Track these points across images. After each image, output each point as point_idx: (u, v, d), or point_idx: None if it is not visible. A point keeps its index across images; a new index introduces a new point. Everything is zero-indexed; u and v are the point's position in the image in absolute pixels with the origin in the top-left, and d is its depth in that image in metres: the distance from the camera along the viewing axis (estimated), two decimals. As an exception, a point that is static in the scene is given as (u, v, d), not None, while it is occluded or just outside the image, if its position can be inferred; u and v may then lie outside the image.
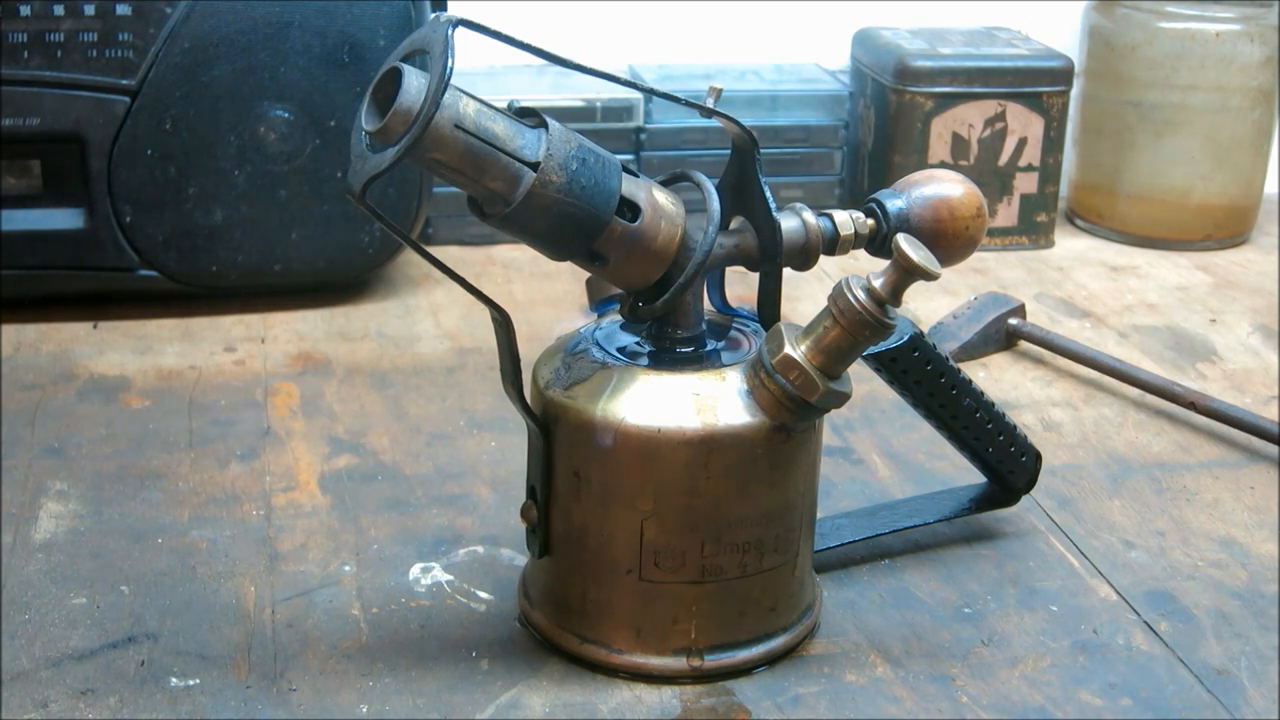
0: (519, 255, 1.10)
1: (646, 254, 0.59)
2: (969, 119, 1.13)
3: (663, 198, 0.60)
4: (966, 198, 0.64)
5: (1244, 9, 1.14)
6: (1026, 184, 1.16)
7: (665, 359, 0.61)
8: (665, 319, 0.62)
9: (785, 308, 0.63)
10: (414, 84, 0.54)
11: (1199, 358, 0.97)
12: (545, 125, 0.57)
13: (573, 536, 0.62)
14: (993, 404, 0.70)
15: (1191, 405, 0.86)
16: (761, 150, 0.61)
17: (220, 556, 0.70)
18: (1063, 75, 1.14)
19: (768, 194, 0.61)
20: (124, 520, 0.73)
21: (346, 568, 0.69)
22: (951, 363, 0.68)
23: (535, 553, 0.63)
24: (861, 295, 0.57)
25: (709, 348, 0.63)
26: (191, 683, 0.61)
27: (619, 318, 0.64)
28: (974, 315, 0.96)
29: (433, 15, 0.60)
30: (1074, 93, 1.17)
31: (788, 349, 0.58)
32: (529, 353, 0.62)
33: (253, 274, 0.98)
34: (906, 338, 0.65)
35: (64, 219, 0.95)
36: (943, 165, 1.14)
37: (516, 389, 0.61)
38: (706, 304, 0.64)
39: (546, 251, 0.59)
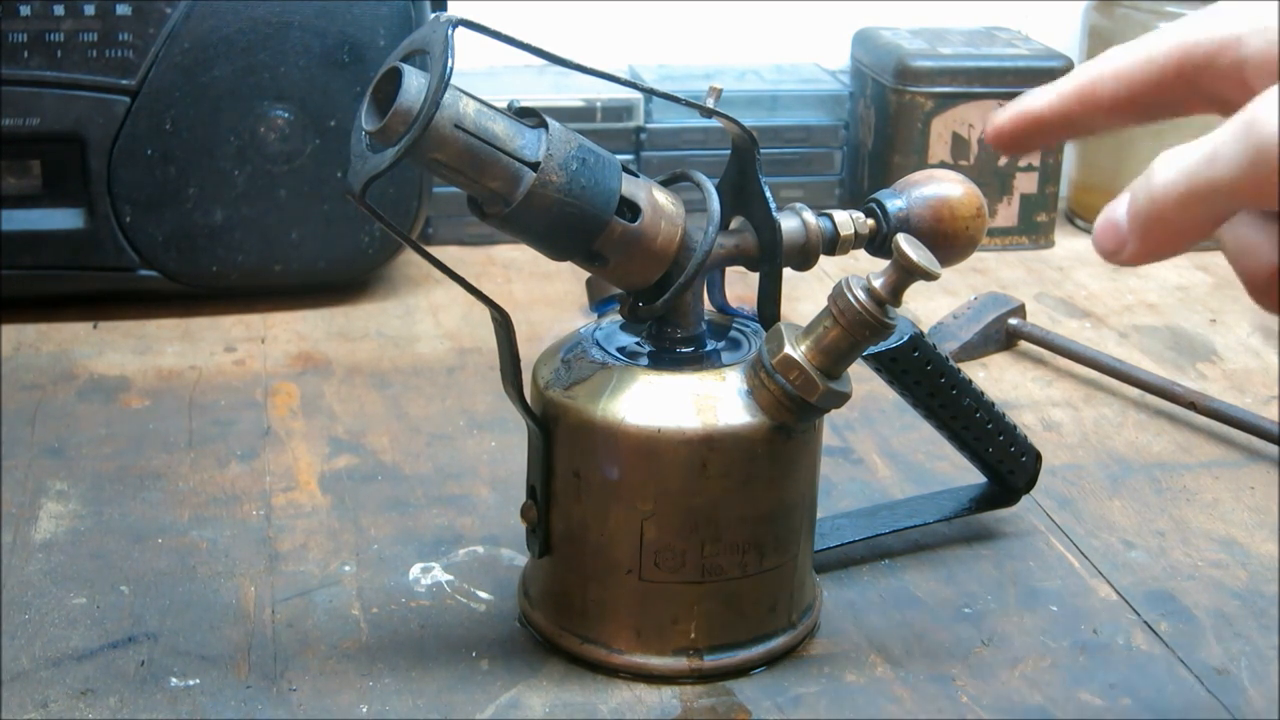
0: (519, 255, 1.10)
1: (646, 254, 0.59)
2: (969, 119, 1.13)
3: (663, 198, 0.60)
4: (966, 198, 0.64)
5: (1244, 9, 1.13)
6: (1026, 184, 1.16)
7: (665, 359, 0.61)
8: (665, 319, 0.62)
9: (785, 308, 0.63)
10: (414, 84, 0.54)
11: (1199, 358, 0.97)
12: (545, 125, 0.57)
13: (573, 536, 0.62)
14: (993, 404, 0.70)
15: (1191, 405, 0.86)
16: (761, 150, 0.61)
17: (220, 556, 0.70)
18: (1063, 75, 1.14)
19: (768, 194, 0.61)
20: (124, 520, 0.73)
21: (346, 568, 0.69)
22: (951, 363, 0.68)
23: (535, 553, 0.63)
24: (861, 295, 0.57)
25: (709, 348, 0.63)
26: (191, 683, 0.61)
27: (619, 318, 0.64)
28: (974, 315, 0.96)
29: (433, 15, 0.60)
30: (1074, 93, 1.16)
31: (788, 349, 0.58)
32: (529, 353, 0.62)
33: (253, 274, 0.98)
34: (906, 338, 0.65)
35: (64, 219, 0.95)
36: (943, 165, 1.14)
37: (516, 389, 0.61)
38: (706, 304, 0.64)
39: (546, 251, 0.59)
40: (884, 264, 0.58)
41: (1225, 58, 0.43)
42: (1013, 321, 0.96)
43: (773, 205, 0.61)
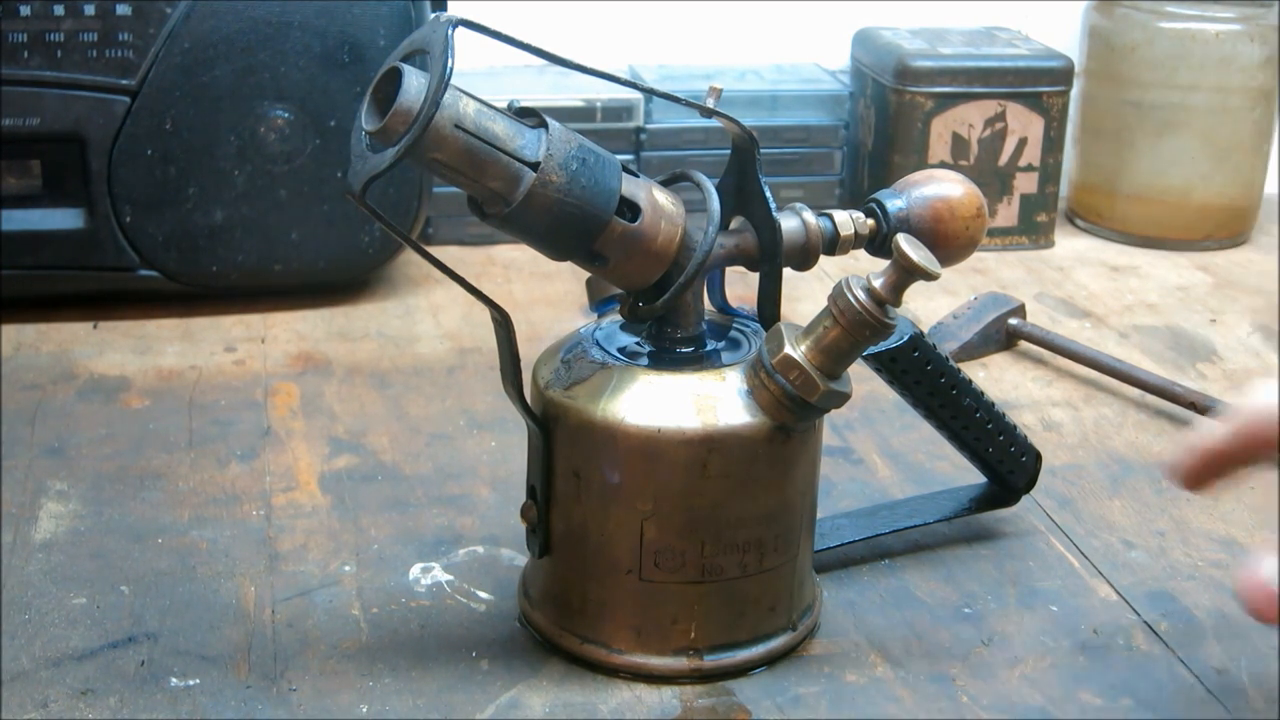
0: (519, 255, 1.10)
1: (646, 254, 0.59)
2: (969, 119, 1.13)
3: (663, 198, 0.60)
4: (966, 198, 0.64)
5: (1244, 9, 1.14)
6: (1026, 184, 1.16)
7: (665, 359, 0.61)
8: (665, 319, 0.62)
9: (785, 308, 0.63)
10: (414, 84, 0.54)
11: (1199, 358, 0.97)
12: (545, 125, 0.57)
13: (573, 536, 0.62)
14: (993, 404, 0.70)
15: (1192, 405, 0.86)
16: (761, 150, 0.61)
17: (220, 556, 0.70)
18: (1063, 75, 1.14)
19: (768, 194, 0.61)
20: (124, 520, 0.73)
21: (346, 568, 0.69)
22: (951, 363, 0.68)
23: (535, 553, 0.63)
24: (861, 295, 0.57)
25: (709, 348, 0.63)
26: (191, 683, 0.61)
27: (619, 318, 0.64)
28: (974, 315, 0.96)
29: (433, 15, 0.60)
30: (1074, 93, 1.17)
31: (788, 349, 0.58)
32: (529, 353, 0.62)
33: (253, 274, 0.98)
34: (906, 338, 0.65)
35: (64, 219, 0.95)
36: (943, 165, 1.14)
37: (516, 389, 0.61)
38: (706, 304, 0.64)
39: (546, 251, 0.59)
40: (884, 264, 0.58)
41: None
42: (1013, 321, 0.96)
43: (773, 205, 0.61)
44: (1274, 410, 0.52)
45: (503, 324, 0.60)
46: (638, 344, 0.63)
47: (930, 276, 0.56)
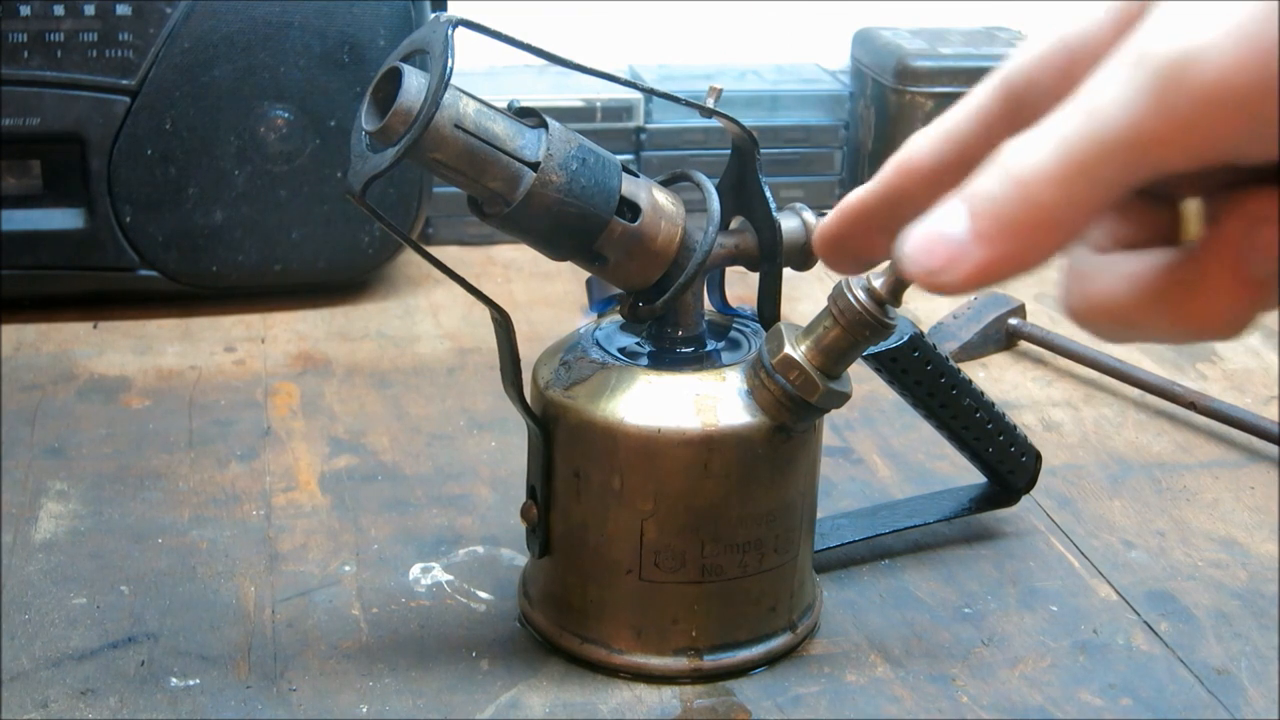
0: (519, 255, 1.10)
1: (646, 254, 0.59)
2: (969, 119, 1.13)
3: (663, 198, 0.60)
4: (966, 198, 0.64)
5: (1244, 9, 1.13)
6: (1026, 184, 1.16)
7: (665, 359, 0.61)
8: (665, 319, 0.62)
9: (785, 308, 0.63)
10: (414, 84, 0.54)
11: (1199, 358, 0.97)
12: (545, 125, 0.57)
13: (573, 536, 0.62)
14: (993, 404, 0.70)
15: (1191, 405, 0.86)
16: (761, 150, 0.61)
17: (220, 556, 0.70)
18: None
19: (768, 194, 0.61)
20: (124, 520, 0.73)
21: (346, 568, 0.69)
22: (951, 363, 0.68)
23: (535, 553, 0.63)
24: (861, 295, 0.57)
25: (709, 348, 0.63)
26: (191, 683, 0.61)
27: (619, 318, 0.64)
28: (974, 315, 0.96)
29: (433, 15, 0.60)
30: (1074, 93, 1.16)
31: (788, 349, 0.58)
32: (529, 353, 0.62)
33: (253, 274, 0.98)
34: (906, 338, 0.65)
35: (64, 219, 0.95)
36: (943, 165, 1.14)
37: (516, 389, 0.61)
38: (706, 304, 0.64)
39: (546, 251, 0.59)
40: (884, 264, 0.58)
41: (1047, 72, 0.36)
42: (1013, 321, 0.96)
43: (773, 205, 0.61)
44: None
45: (503, 324, 0.60)
46: (638, 344, 0.63)
47: (930, 276, 0.56)
